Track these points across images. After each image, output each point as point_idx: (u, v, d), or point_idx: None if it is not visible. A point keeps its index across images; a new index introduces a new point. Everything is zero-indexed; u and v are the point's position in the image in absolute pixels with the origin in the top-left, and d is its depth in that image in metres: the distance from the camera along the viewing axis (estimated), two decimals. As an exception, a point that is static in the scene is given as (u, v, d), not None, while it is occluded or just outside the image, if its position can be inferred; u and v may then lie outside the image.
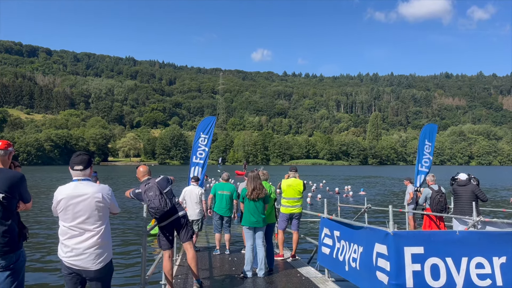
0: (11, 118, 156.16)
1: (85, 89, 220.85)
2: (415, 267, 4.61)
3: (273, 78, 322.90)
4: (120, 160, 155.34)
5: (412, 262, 4.64)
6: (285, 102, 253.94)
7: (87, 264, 3.66)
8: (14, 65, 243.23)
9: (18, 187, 3.72)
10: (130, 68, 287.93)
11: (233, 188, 9.13)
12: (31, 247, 11.49)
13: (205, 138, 12.93)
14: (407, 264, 4.62)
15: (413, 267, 4.62)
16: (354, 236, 5.71)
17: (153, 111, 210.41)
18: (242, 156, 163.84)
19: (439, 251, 4.72)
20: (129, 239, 13.23)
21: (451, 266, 4.70)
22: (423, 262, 4.68)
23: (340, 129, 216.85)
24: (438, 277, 4.66)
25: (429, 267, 4.66)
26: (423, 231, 5.70)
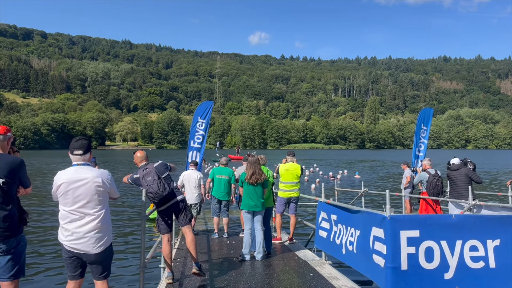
0: (7, 102, 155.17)
1: (81, 72, 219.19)
2: (410, 250, 4.69)
3: (270, 62, 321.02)
4: (117, 144, 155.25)
5: (407, 245, 4.71)
6: (282, 86, 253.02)
7: (88, 247, 3.70)
8: (9, 48, 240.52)
9: (18, 172, 3.74)
10: (126, 51, 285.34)
11: (231, 173, 9.17)
12: (31, 231, 11.57)
13: (202, 122, 12.93)
14: (403, 247, 4.70)
15: (408, 250, 4.69)
16: (351, 220, 5.77)
17: (150, 95, 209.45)
18: (240, 141, 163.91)
19: (434, 234, 4.79)
20: (129, 223, 13.34)
21: (445, 249, 4.78)
22: (418, 245, 4.75)
23: (337, 113, 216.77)
24: (431, 260, 4.75)
25: (423, 250, 4.74)
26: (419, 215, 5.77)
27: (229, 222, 9.37)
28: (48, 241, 10.70)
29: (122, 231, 11.95)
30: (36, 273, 8.04)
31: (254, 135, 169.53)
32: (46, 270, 8.24)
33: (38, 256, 9.22)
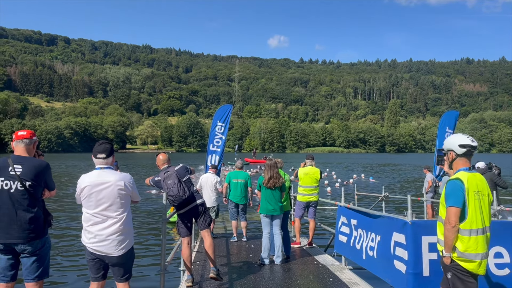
0: (32, 106, 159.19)
1: (103, 77, 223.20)
2: (432, 256, 4.62)
3: (289, 65, 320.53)
4: (138, 148, 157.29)
5: (429, 251, 4.64)
6: (301, 89, 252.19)
7: (110, 250, 3.77)
8: (34, 54, 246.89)
9: (43, 175, 3.84)
10: (147, 56, 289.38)
11: (247, 176, 9.20)
12: (55, 233, 11.81)
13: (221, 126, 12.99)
14: (424, 253, 4.63)
15: (430, 256, 4.62)
16: (372, 224, 5.71)
17: (170, 99, 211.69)
18: (258, 144, 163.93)
19: (457, 240, 4.70)
20: (149, 226, 13.48)
21: (470, 255, 4.69)
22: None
23: (357, 117, 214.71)
24: (455, 266, 4.67)
25: (446, 256, 4.66)
26: (441, 220, 5.66)
27: (247, 226, 9.37)
28: (71, 243, 10.90)
29: (143, 234, 12.10)
30: (60, 274, 8.20)
31: (272, 138, 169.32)
32: (69, 272, 8.39)
33: (62, 258, 9.39)
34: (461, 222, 3.38)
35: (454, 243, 3.38)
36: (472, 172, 3.52)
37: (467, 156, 3.56)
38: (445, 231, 3.39)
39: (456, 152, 3.57)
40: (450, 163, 3.64)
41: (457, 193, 3.37)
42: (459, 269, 3.38)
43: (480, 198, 3.44)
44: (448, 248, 3.40)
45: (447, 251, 3.42)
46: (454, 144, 3.57)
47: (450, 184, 3.44)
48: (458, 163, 3.58)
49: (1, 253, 3.77)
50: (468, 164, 3.56)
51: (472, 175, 3.47)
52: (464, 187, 3.38)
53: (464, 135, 3.62)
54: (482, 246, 3.37)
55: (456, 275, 3.40)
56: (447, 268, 3.48)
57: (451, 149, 3.61)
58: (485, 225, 3.43)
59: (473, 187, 3.42)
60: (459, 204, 3.35)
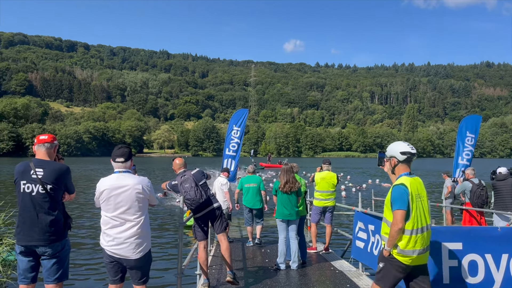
0: (52, 111, 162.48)
1: (121, 82, 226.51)
2: (452, 263, 4.54)
3: (305, 70, 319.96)
4: (154, 152, 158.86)
5: (449, 258, 4.57)
6: (317, 94, 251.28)
7: (128, 253, 3.80)
8: (55, 59, 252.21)
9: (64, 179, 3.92)
10: (164, 61, 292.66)
11: (259, 180, 9.11)
12: (73, 236, 11.99)
13: (237, 130, 13.04)
14: (444, 260, 4.56)
15: (450, 263, 4.55)
16: (389, 230, 5.64)
17: (186, 104, 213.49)
18: (274, 148, 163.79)
19: (478, 247, 4.61)
20: (166, 230, 13.58)
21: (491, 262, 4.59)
22: (461, 258, 4.60)
23: (374, 121, 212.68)
24: (475, 274, 4.58)
25: (467, 263, 4.58)
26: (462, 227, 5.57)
27: (262, 229, 9.22)
28: (90, 246, 11.05)
29: (160, 237, 12.19)
30: (79, 277, 8.31)
31: (288, 143, 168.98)
32: (88, 274, 8.51)
33: (81, 260, 9.52)
34: (405, 222, 3.68)
35: (397, 241, 3.69)
36: (413, 177, 3.85)
37: (407, 162, 3.89)
38: (392, 231, 3.68)
39: (398, 158, 3.88)
40: (393, 169, 3.95)
41: (402, 197, 3.66)
42: (394, 263, 3.72)
43: (421, 200, 3.80)
44: (391, 245, 3.71)
45: (389, 247, 3.73)
46: (396, 151, 3.90)
47: (395, 189, 3.73)
48: (400, 169, 3.89)
49: (22, 255, 3.84)
50: (408, 170, 3.88)
51: (413, 180, 3.81)
52: (408, 191, 3.68)
53: (404, 143, 3.94)
54: (420, 243, 3.70)
55: (389, 266, 3.75)
56: (383, 258, 3.82)
57: (393, 156, 3.93)
58: (424, 224, 3.76)
59: (414, 191, 3.74)
60: (404, 207, 3.64)
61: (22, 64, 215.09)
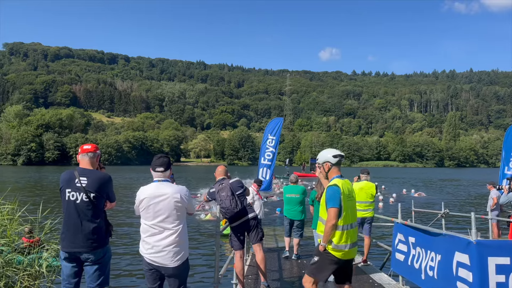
0: (94, 121, 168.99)
1: (160, 93, 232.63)
2: (499, 279, 4.32)
3: (341, 78, 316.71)
4: (191, 161, 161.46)
5: (496, 273, 4.35)
6: (354, 102, 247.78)
7: (166, 261, 3.85)
8: (97, 72, 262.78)
9: (106, 187, 4.04)
10: (200, 72, 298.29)
11: (301, 190, 8.76)
12: (113, 243, 12.31)
13: (272, 139, 13.04)
14: (491, 276, 4.34)
15: (497, 278, 4.33)
16: (432, 243, 5.44)
17: (222, 113, 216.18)
18: (309, 158, 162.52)
19: (529, 262, 4.35)
20: (202, 239, 13.70)
21: (542, 279, 4.32)
22: (509, 273, 4.37)
23: (413, 130, 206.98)
24: (526, 291, 4.32)
25: (516, 280, 4.33)
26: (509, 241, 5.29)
27: (300, 242, 8.87)
28: (129, 253, 11.30)
29: (196, 246, 12.31)
30: (119, 284, 8.48)
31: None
32: (127, 282, 8.68)
33: (120, 268, 9.75)
34: (338, 219, 4.08)
35: (331, 237, 4.10)
36: (343, 179, 4.28)
37: (338, 165, 4.34)
38: (326, 227, 4.09)
39: (331, 162, 4.32)
40: (327, 173, 4.35)
41: (335, 196, 4.08)
42: (329, 257, 4.13)
43: (352, 199, 4.28)
44: (326, 240, 4.12)
45: (324, 242, 4.13)
46: (329, 156, 4.35)
47: (329, 189, 4.15)
48: (333, 172, 4.32)
49: (66, 261, 3.97)
50: (339, 172, 4.32)
51: (344, 181, 4.25)
52: (340, 191, 4.10)
53: (333, 149, 4.47)
54: (350, 238, 4.16)
55: (324, 259, 4.15)
56: (318, 253, 4.20)
57: (327, 161, 4.35)
58: (353, 221, 4.25)
59: (346, 191, 4.19)
60: (337, 205, 4.07)
61: (67, 76, 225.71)
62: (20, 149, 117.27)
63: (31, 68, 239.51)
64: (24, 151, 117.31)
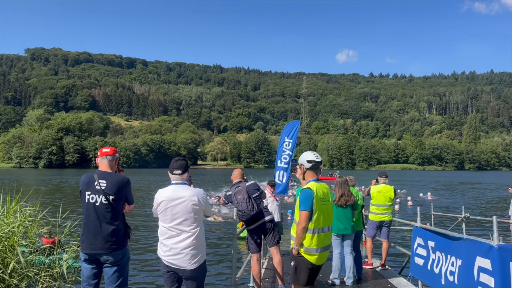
0: (113, 125, 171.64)
1: (177, 96, 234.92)
2: (522, 284, 4.21)
3: (358, 80, 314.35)
4: (208, 164, 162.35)
5: (519, 279, 4.24)
6: (371, 104, 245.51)
7: (184, 263, 3.87)
8: (116, 76, 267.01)
9: (124, 190, 4.09)
10: (217, 75, 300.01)
11: None
12: (131, 246, 12.44)
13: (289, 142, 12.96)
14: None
15: (520, 284, 4.22)
16: (452, 247, 5.34)
17: (239, 116, 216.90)
18: (326, 160, 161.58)
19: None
20: (219, 241, 13.74)
21: None
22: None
23: (432, 132, 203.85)
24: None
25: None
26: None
27: None
28: (147, 255, 11.41)
29: (213, 248, 12.35)
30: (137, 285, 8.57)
31: (341, 155, 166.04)
32: (145, 284, 8.76)
33: (139, 269, 9.85)
34: (309, 222, 4.11)
35: (302, 240, 4.13)
36: (320, 183, 4.30)
37: (314, 170, 4.33)
38: (297, 230, 4.13)
39: (306, 166, 4.32)
40: (303, 175, 4.37)
41: (307, 199, 4.11)
42: (302, 260, 4.18)
43: (326, 203, 4.28)
44: (298, 243, 4.14)
45: (296, 245, 4.16)
46: (304, 160, 4.36)
47: (302, 193, 4.18)
48: (309, 175, 4.34)
49: (86, 262, 4.03)
50: (315, 176, 4.33)
51: (319, 185, 4.27)
52: (313, 195, 4.13)
53: (311, 152, 4.40)
54: (321, 242, 4.20)
55: (299, 264, 4.21)
56: (293, 257, 4.26)
57: (302, 164, 4.37)
58: (326, 225, 4.27)
59: (320, 194, 4.20)
60: (308, 208, 4.09)
61: (86, 81, 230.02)
62: (41, 152, 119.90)
63: (52, 73, 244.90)
64: (45, 154, 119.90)
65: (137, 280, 8.91)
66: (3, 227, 5.68)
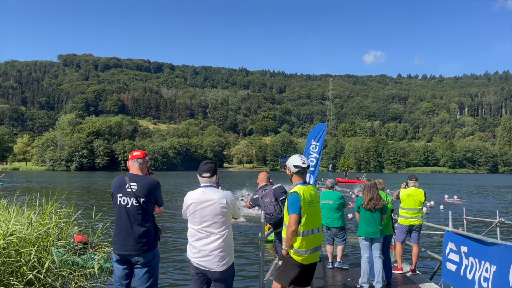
0: (141, 128, 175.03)
1: (203, 100, 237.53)
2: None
3: (386, 81, 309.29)
4: (234, 166, 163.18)
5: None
6: (400, 106, 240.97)
7: (212, 265, 3.91)
8: (144, 80, 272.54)
9: (155, 192, 4.18)
10: (243, 78, 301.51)
11: (337, 196, 8.25)
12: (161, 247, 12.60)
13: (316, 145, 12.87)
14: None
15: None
16: (486, 253, 5.19)
17: (264, 119, 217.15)
18: (354, 163, 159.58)
19: None
20: (247, 244, 13.77)
21: None
22: None
23: (463, 134, 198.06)
24: None
25: None
26: None
27: (344, 250, 8.49)
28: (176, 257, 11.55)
29: (241, 251, 12.39)
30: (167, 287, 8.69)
31: (369, 157, 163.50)
32: (175, 285, 8.88)
33: (168, 271, 9.97)
34: (298, 225, 4.22)
35: (292, 242, 4.25)
36: (306, 186, 4.40)
37: (299, 174, 4.43)
38: (287, 233, 4.25)
39: (292, 170, 4.45)
40: (291, 178, 4.52)
41: (295, 203, 4.23)
42: (291, 261, 4.29)
43: (314, 206, 4.38)
44: (287, 245, 4.28)
45: (286, 247, 4.29)
46: (290, 164, 4.47)
47: (290, 196, 4.30)
48: (295, 179, 4.46)
49: (118, 263, 4.14)
50: (301, 180, 4.43)
51: (306, 188, 4.37)
52: (300, 198, 4.23)
53: (298, 157, 4.48)
54: (311, 243, 4.30)
55: (287, 264, 4.33)
56: (281, 257, 4.40)
57: (289, 167, 4.47)
58: (315, 227, 4.38)
59: (307, 197, 4.30)
60: (296, 211, 4.21)
61: (115, 85, 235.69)
62: (73, 155, 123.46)
63: (83, 78, 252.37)
64: (77, 157, 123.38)
65: (167, 281, 9.03)
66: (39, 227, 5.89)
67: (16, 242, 5.34)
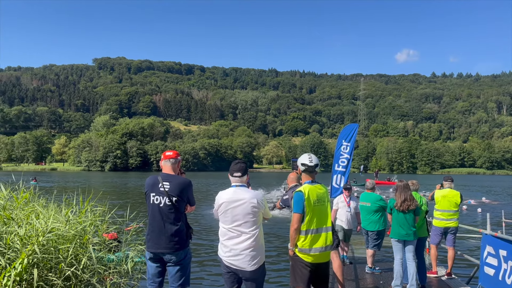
0: (173, 130, 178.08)
1: (233, 101, 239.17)
2: None
3: (419, 81, 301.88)
4: (263, 167, 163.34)
5: None
6: (434, 106, 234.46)
7: (243, 264, 3.93)
8: (175, 82, 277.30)
9: (187, 192, 4.25)
10: (272, 79, 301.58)
11: (375, 199, 7.98)
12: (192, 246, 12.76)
13: (347, 146, 12.73)
14: None
15: None
16: (527, 257, 4.97)
17: (294, 120, 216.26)
18: (386, 164, 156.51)
19: None
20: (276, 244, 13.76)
21: None
22: None
23: (502, 134, 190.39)
24: None
25: None
26: None
27: (375, 254, 8.17)
28: (207, 255, 11.67)
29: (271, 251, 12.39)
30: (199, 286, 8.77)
31: (401, 158, 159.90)
32: (206, 284, 8.95)
33: (200, 269, 10.10)
34: (301, 224, 4.22)
35: (296, 240, 4.25)
36: (314, 185, 4.37)
37: (307, 172, 4.43)
38: (290, 231, 4.27)
39: (300, 168, 4.48)
40: (299, 176, 4.59)
41: (299, 202, 4.22)
42: (298, 260, 4.28)
43: (321, 205, 4.33)
44: (292, 244, 4.29)
45: (291, 246, 4.31)
46: (299, 162, 4.50)
47: (295, 195, 4.31)
48: (304, 177, 4.47)
49: (151, 261, 4.23)
50: (310, 178, 4.41)
51: (313, 187, 4.34)
52: (304, 197, 4.22)
53: (306, 155, 4.50)
54: (316, 242, 4.25)
55: (295, 264, 4.32)
56: (290, 258, 4.40)
57: (299, 166, 4.50)
58: (322, 226, 4.32)
59: (312, 196, 4.26)
60: (300, 210, 4.20)
61: (148, 87, 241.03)
62: (107, 156, 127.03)
63: (117, 80, 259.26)
64: (111, 158, 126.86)
65: (198, 280, 9.14)
66: (76, 225, 6.09)
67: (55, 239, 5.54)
